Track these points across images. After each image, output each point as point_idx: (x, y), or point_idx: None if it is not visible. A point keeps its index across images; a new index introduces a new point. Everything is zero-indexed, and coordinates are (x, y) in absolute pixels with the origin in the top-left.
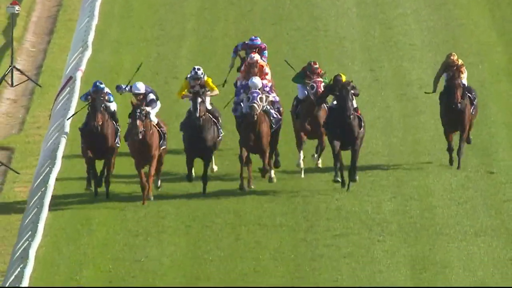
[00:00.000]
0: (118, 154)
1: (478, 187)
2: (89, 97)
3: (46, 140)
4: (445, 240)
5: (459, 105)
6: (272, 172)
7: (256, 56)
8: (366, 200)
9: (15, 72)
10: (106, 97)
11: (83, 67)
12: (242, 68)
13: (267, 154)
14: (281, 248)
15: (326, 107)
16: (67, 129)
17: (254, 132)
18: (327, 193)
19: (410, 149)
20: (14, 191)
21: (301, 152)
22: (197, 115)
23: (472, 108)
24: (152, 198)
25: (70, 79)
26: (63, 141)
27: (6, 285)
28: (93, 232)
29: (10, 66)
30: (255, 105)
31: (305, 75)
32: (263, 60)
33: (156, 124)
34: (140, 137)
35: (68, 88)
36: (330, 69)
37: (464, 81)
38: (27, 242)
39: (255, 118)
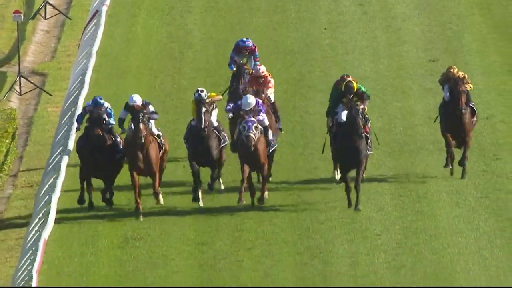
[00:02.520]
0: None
1: None
2: (85, 114)
3: (75, 66)
4: (425, 155)
5: (463, 111)
6: (266, 193)
7: (262, 68)
8: None
9: (48, 7)
10: (103, 111)
11: (108, 2)
12: (248, 79)
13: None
14: None
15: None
16: (94, 58)
17: (250, 154)
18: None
19: (395, 74)
20: (47, 111)
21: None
22: (202, 125)
23: (474, 119)
24: (161, 201)
25: (96, 12)
26: (90, 67)
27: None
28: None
29: (44, 1)
30: (251, 135)
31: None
32: (257, 63)
33: (156, 135)
34: (143, 140)
35: (95, 21)
36: (323, 4)
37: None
38: (59, 155)
39: (253, 149)
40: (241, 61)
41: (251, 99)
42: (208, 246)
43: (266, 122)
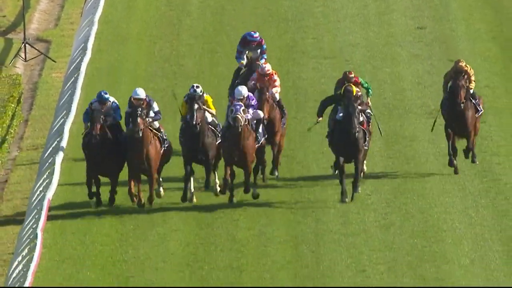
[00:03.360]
0: None
1: (441, 73)
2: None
3: (78, 33)
4: (413, 118)
5: (462, 105)
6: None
7: (268, 66)
8: None
9: None
10: (108, 107)
11: None
12: (254, 75)
13: (250, 170)
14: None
15: (365, 116)
16: (96, 25)
17: (239, 146)
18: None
19: (384, 41)
20: (51, 77)
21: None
22: (194, 122)
23: (478, 115)
24: (158, 197)
25: None
26: (92, 34)
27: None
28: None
29: None
30: (238, 116)
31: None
32: (264, 57)
33: (157, 129)
34: (140, 135)
35: None
36: None
37: (471, 90)
38: (63, 119)
39: (240, 130)
40: (253, 57)
41: (244, 90)
42: (205, 206)
43: (260, 115)
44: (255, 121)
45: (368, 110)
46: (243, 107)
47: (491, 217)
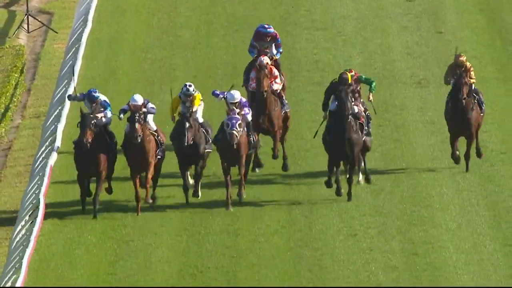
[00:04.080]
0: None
1: (429, 44)
2: (81, 99)
3: (79, 6)
4: (402, 88)
5: (463, 101)
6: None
7: (266, 59)
8: (339, 55)
9: None
10: (98, 104)
11: None
12: (254, 74)
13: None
14: None
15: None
16: None
17: (233, 153)
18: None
19: (375, 14)
20: (53, 47)
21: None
22: (185, 143)
23: (481, 111)
24: (150, 201)
25: None
26: (93, 6)
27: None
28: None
29: None
30: (234, 132)
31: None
32: (280, 51)
33: (155, 131)
34: (139, 140)
35: None
36: None
37: (473, 85)
38: (64, 88)
39: (235, 147)
40: (265, 50)
41: (237, 94)
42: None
43: (249, 118)
44: (245, 123)
45: (368, 112)
46: (239, 121)
47: (478, 183)
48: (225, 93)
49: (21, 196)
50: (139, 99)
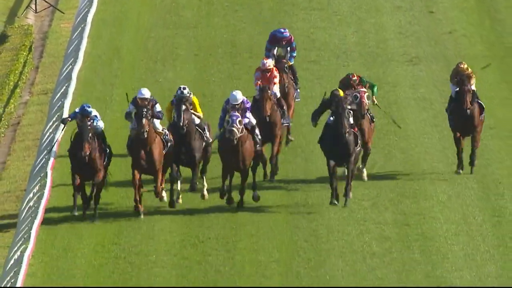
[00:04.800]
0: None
1: (421, 23)
2: (76, 118)
3: None
4: (395, 65)
5: (468, 111)
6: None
7: (269, 62)
8: (334, 34)
9: None
10: (93, 122)
11: None
12: (258, 74)
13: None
14: None
15: (369, 116)
16: None
17: (236, 154)
18: None
19: None
20: (60, 27)
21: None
22: (181, 123)
23: (482, 114)
24: (165, 198)
25: None
26: None
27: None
28: None
29: None
30: (234, 129)
31: (345, 87)
32: (293, 54)
33: (161, 130)
34: (145, 135)
35: None
36: None
37: (473, 87)
38: (71, 66)
39: (235, 142)
40: (280, 55)
41: (239, 95)
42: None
43: (253, 122)
44: (250, 127)
45: (371, 112)
46: (239, 118)
47: (466, 155)
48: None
49: (30, 169)
50: (146, 93)
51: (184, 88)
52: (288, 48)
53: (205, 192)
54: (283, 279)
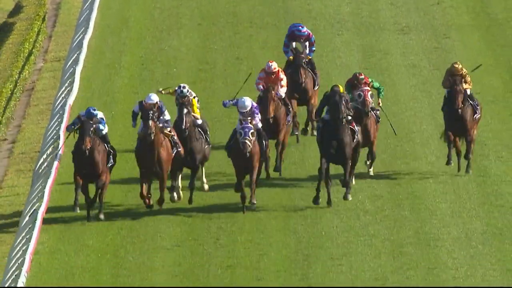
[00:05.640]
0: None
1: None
2: (78, 123)
3: None
4: (387, 34)
5: (459, 110)
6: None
7: (274, 64)
8: (329, 5)
9: None
10: (95, 122)
11: None
12: (262, 75)
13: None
14: None
15: (374, 115)
16: None
17: (246, 160)
18: None
19: None
20: None
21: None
22: (183, 126)
23: (475, 115)
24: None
25: None
26: None
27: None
28: None
29: None
30: (247, 141)
31: (351, 86)
32: (313, 49)
33: (169, 131)
34: (152, 138)
35: None
36: None
37: (468, 91)
38: (82, 35)
39: (248, 155)
40: (298, 49)
41: (248, 102)
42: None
43: (259, 125)
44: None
45: (378, 109)
46: (252, 130)
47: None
48: (235, 100)
49: (43, 132)
50: (154, 98)
51: (184, 87)
52: (307, 43)
53: (206, 187)
54: (281, 234)
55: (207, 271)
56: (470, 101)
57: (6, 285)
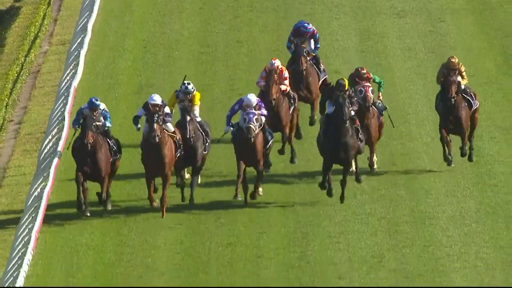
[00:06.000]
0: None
1: None
2: (81, 119)
3: None
4: (383, 18)
5: (452, 100)
6: (260, 189)
7: (277, 62)
8: None
9: None
10: (98, 113)
11: None
12: (263, 73)
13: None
14: None
15: (377, 111)
16: None
17: (250, 150)
18: None
19: None
20: None
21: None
22: (188, 135)
23: (472, 109)
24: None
25: None
26: None
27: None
28: None
29: None
30: (251, 126)
31: (353, 81)
32: (317, 46)
33: (172, 132)
34: (157, 140)
35: None
36: None
37: (462, 85)
38: (86, 19)
39: (253, 140)
40: (299, 41)
41: (253, 98)
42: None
43: (264, 119)
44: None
45: (379, 102)
46: (256, 116)
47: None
48: (237, 106)
49: (49, 113)
50: (157, 98)
51: (189, 84)
52: (312, 41)
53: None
54: (280, 214)
55: (208, 249)
56: (466, 96)
57: (13, 262)
